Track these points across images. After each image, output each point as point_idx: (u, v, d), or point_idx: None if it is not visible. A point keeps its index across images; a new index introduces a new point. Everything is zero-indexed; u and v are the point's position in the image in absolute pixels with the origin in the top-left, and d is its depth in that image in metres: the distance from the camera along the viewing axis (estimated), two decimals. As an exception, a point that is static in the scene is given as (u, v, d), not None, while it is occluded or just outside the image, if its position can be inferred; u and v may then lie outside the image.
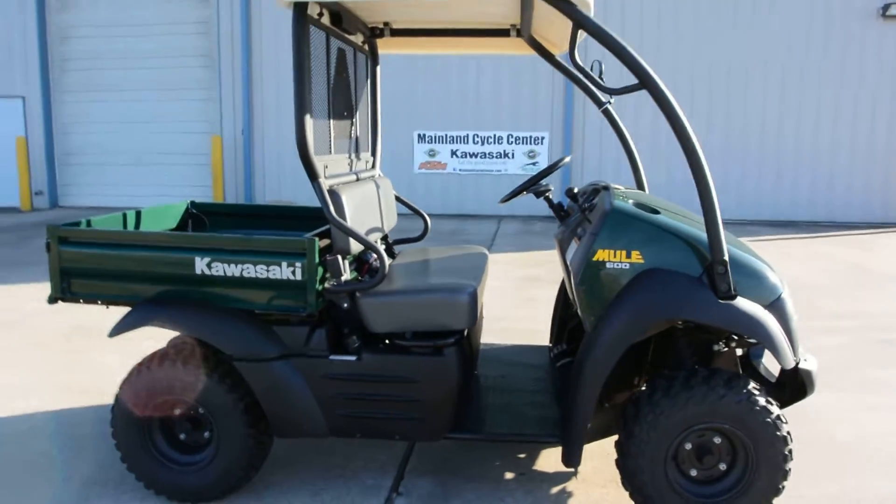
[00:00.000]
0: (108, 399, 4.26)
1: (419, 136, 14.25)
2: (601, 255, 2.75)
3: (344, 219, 2.91)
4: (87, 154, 14.67)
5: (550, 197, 3.50)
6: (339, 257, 2.88)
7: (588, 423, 2.77)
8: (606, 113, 3.57)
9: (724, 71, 13.29)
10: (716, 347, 3.09)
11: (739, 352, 3.30)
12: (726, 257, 2.64)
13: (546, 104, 13.88)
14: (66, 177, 14.85)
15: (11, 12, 14.29)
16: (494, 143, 14.20)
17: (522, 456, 3.52)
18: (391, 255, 4.07)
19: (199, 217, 4.20)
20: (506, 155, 14.22)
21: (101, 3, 14.22)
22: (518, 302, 6.71)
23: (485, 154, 14.24)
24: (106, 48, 14.28)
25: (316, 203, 13.64)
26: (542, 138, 14.04)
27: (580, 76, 3.41)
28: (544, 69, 13.64)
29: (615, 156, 13.74)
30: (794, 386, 3.04)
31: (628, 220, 2.76)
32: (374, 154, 4.08)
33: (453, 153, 14.33)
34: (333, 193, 2.91)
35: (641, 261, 2.74)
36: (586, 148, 13.85)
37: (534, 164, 14.14)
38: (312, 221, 4.09)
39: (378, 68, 4.03)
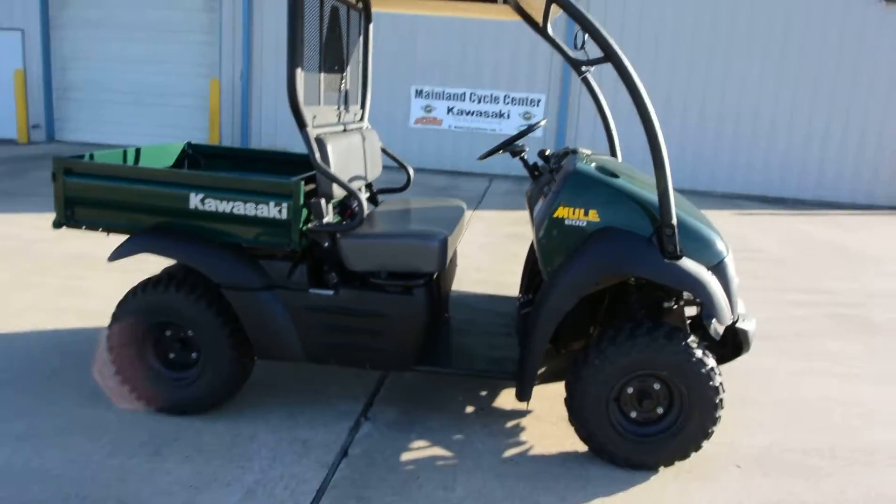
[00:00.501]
0: (100, 320, 4.54)
1: (416, 91, 14.34)
2: (561, 212, 3.00)
3: (328, 165, 3.15)
4: (85, 90, 14.71)
5: (525, 157, 3.75)
6: (322, 201, 3.13)
7: (539, 362, 3.06)
8: (585, 81, 3.78)
9: (723, 45, 13.37)
10: (666, 304, 3.37)
11: (692, 311, 3.58)
12: (674, 221, 2.90)
13: (544, 67, 13.96)
14: (64, 111, 14.91)
15: (13, -58, 14.19)
16: (491, 102, 14.31)
17: (484, 393, 3.83)
18: (374, 203, 4.31)
19: (195, 158, 4.42)
20: (501, 115, 14.34)
21: (105, -62, 14.13)
22: (500, 257, 6.98)
23: (480, 113, 14.35)
24: (107, -16, 14.23)
25: (311, 152, 13.77)
26: (539, 101, 14.15)
27: (554, 44, 3.61)
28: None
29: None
30: (733, 343, 3.34)
31: (588, 182, 3.02)
32: (363, 107, 4.29)
33: (449, 110, 14.44)
34: (319, 141, 3.14)
35: (598, 220, 3.00)
36: (581, 112, 13.99)
37: (529, 125, 14.28)
38: (303, 167, 4.32)
39: (371, 25, 4.22)
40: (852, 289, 6.73)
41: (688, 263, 2.93)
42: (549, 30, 2.90)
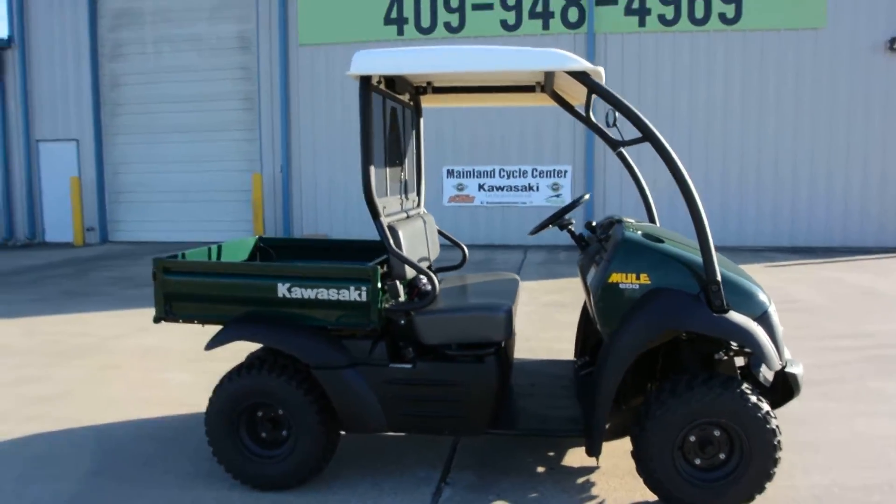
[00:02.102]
0: (183, 409, 4.87)
1: (448, 171, 14.93)
2: (615, 277, 3.31)
3: (401, 250, 3.51)
4: (135, 192, 15.58)
5: (572, 229, 4.09)
6: (397, 282, 3.48)
7: (607, 417, 3.30)
8: (620, 155, 4.14)
9: (738, 105, 13.83)
10: (717, 356, 3.62)
11: (741, 361, 3.82)
12: (719, 278, 3.19)
13: (568, 139, 14.51)
14: (116, 213, 15.76)
15: (68, 62, 15.37)
16: (519, 176, 14.83)
17: (551, 454, 4.05)
18: (434, 281, 4.66)
19: (266, 250, 4.84)
20: (530, 188, 14.82)
21: (150, 52, 15.23)
22: (545, 325, 7.25)
23: (510, 187, 14.86)
24: (154, 93, 15.26)
25: (352, 236, 14.29)
26: (566, 172, 14.64)
27: (594, 128, 3.99)
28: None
29: (633, 189, 14.26)
30: (784, 388, 3.56)
31: (637, 248, 3.33)
32: (419, 194, 4.70)
33: (480, 187, 14.97)
34: (392, 229, 3.52)
35: (649, 282, 3.30)
36: (607, 180, 14.42)
37: (557, 195, 14.72)
38: (361, 252, 4.70)
39: (421, 120, 4.67)
40: (889, 331, 6.86)
41: (735, 316, 3.20)
42: (592, 116, 3.27)
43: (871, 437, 4.27)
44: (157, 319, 3.76)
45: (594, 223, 4.04)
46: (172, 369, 5.87)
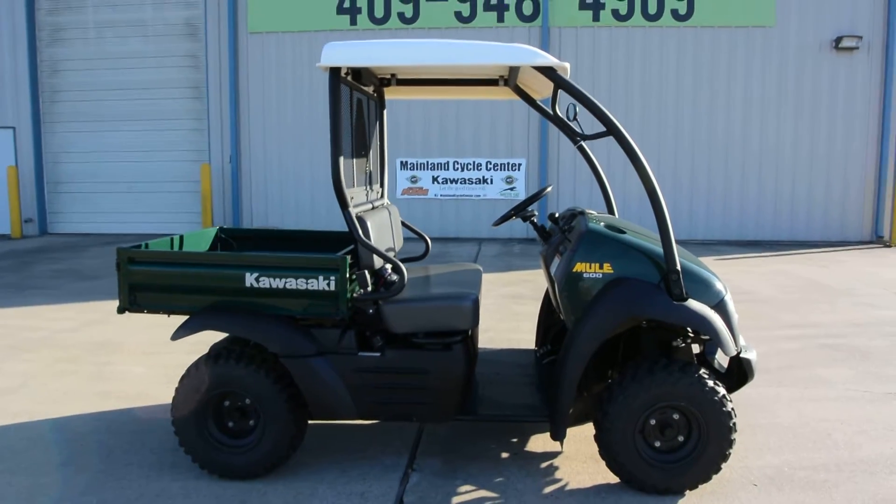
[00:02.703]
0: (142, 401, 4.80)
1: (402, 163, 14.92)
2: (579, 267, 3.41)
3: (369, 240, 3.54)
4: (76, 182, 15.12)
5: (535, 220, 4.18)
6: (366, 272, 3.51)
7: (571, 403, 3.40)
8: (581, 149, 4.24)
9: (690, 100, 14.20)
10: (675, 343, 3.76)
11: (697, 349, 3.97)
12: (679, 267, 3.32)
13: (523, 132, 14.66)
14: (56, 205, 15.27)
15: (3, 46, 14.80)
16: (474, 169, 14.92)
17: (515, 440, 4.14)
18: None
19: (227, 241, 4.79)
20: (485, 181, 14.93)
21: (92, 38, 14.77)
22: (503, 316, 7.35)
23: (465, 180, 14.94)
24: (96, 80, 14.81)
25: (312, 227, 14.17)
26: (520, 165, 14.79)
27: (558, 122, 4.08)
28: (518, 101, 14.43)
29: (589, 181, 14.53)
30: (739, 373, 3.72)
31: (601, 239, 3.43)
32: (382, 185, 4.72)
33: (434, 179, 15.01)
34: (360, 219, 3.54)
35: (611, 271, 3.40)
36: (561, 174, 14.63)
37: (511, 188, 14.86)
38: (319, 243, 4.70)
39: (385, 112, 4.69)
40: (835, 320, 7.18)
41: (693, 304, 3.33)
42: (558, 110, 3.35)
43: (818, 420, 4.48)
44: (121, 310, 3.70)
45: (556, 215, 4.13)
46: (128, 362, 5.76)
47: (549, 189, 4.28)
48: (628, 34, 14.21)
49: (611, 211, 4.40)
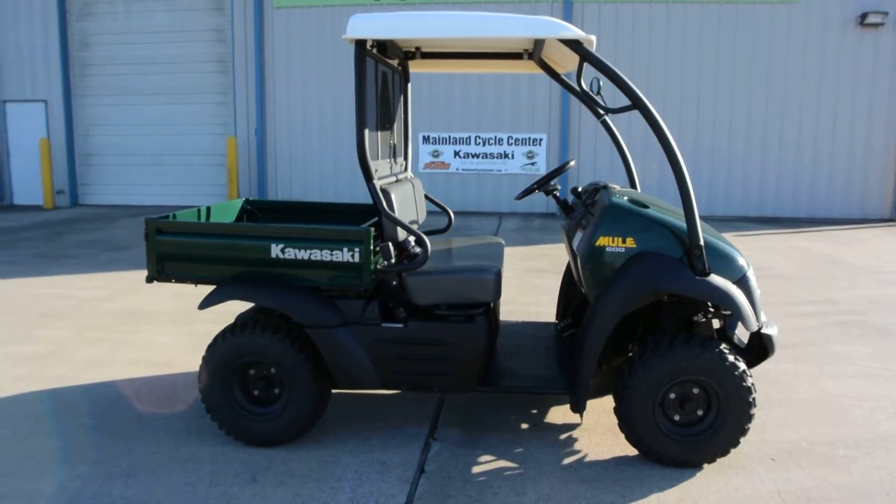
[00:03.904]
0: (170, 369, 4.92)
1: (424, 137, 14.91)
2: (602, 241, 3.43)
3: (393, 212, 3.58)
4: (106, 155, 15.31)
5: (557, 194, 4.19)
6: (390, 244, 3.56)
7: (592, 375, 3.44)
8: (604, 123, 4.23)
9: (711, 77, 13.99)
10: (696, 318, 3.77)
11: (717, 323, 3.98)
12: (702, 242, 3.32)
13: (544, 108, 14.56)
14: (86, 176, 15.50)
15: (35, 20, 14.94)
16: (495, 144, 14.87)
17: (535, 412, 4.20)
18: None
19: (253, 212, 4.86)
20: (506, 155, 14.88)
21: (121, 12, 14.87)
22: (524, 290, 7.39)
23: (486, 154, 14.90)
24: (125, 54, 14.92)
25: (336, 200, 14.25)
26: (541, 140, 14.71)
27: (582, 96, 4.07)
28: (541, 75, 14.31)
29: (609, 155, 14.42)
30: (759, 349, 3.73)
31: (624, 213, 3.44)
32: (406, 158, 4.75)
33: (456, 153, 14.98)
34: (384, 191, 3.58)
35: (634, 245, 3.42)
36: (582, 149, 14.54)
37: (532, 163, 14.80)
38: (344, 215, 4.75)
39: (409, 85, 4.70)
40: (855, 297, 7.13)
41: (716, 279, 3.34)
42: (582, 83, 3.34)
43: (837, 396, 4.48)
44: (149, 279, 3.79)
45: (580, 189, 4.14)
46: (156, 331, 5.89)
47: (571, 163, 4.28)
48: (652, 9, 13.99)
49: (633, 185, 4.40)
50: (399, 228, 3.60)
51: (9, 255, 9.50)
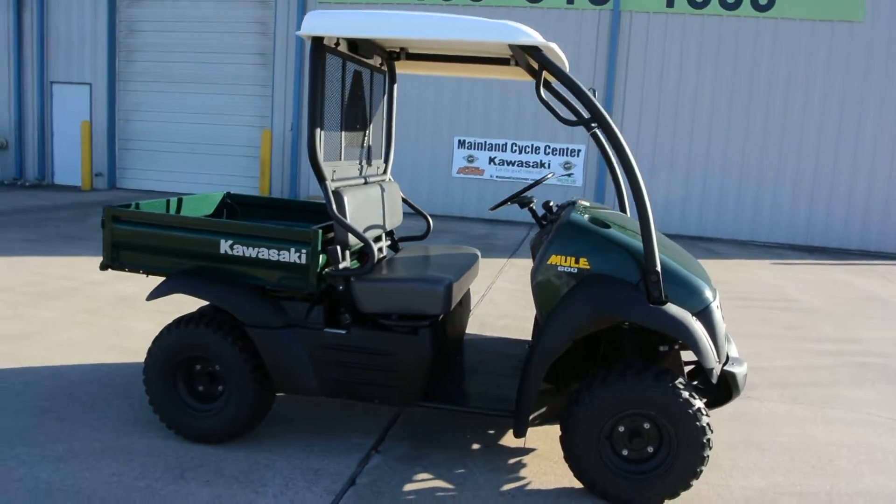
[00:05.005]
0: (141, 357, 4.90)
1: (459, 141, 14.78)
2: (554, 259, 3.24)
3: (344, 216, 3.46)
4: (145, 140, 15.63)
5: (534, 207, 4.01)
6: (338, 247, 3.43)
7: (533, 400, 3.25)
8: (594, 136, 4.02)
9: (763, 95, 13.49)
10: (661, 348, 3.54)
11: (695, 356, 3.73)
12: (658, 268, 3.10)
13: (583, 118, 14.25)
14: (125, 161, 15.84)
15: (85, 5, 15.35)
16: (532, 152, 14.64)
17: (491, 432, 4.02)
18: (395, 250, 4.61)
19: (233, 207, 4.81)
20: (542, 165, 14.63)
21: (168, 0, 15.16)
22: (529, 304, 7.18)
23: (521, 163, 14.68)
24: (169, 42, 15.20)
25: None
26: (579, 151, 14.43)
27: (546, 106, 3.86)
28: (585, 84, 14.03)
29: (647, 171, 14.04)
30: (724, 387, 3.49)
31: (579, 232, 3.25)
32: (386, 161, 4.63)
33: (491, 160, 14.81)
34: (337, 194, 3.46)
35: (588, 267, 3.22)
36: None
37: (569, 174, 14.53)
38: (324, 216, 4.65)
39: (395, 86, 4.58)
40: (882, 338, 6.71)
41: (672, 309, 3.11)
42: (543, 93, 3.16)
43: (824, 443, 4.18)
44: (103, 266, 3.76)
45: (552, 203, 3.95)
46: (140, 318, 5.90)
47: (549, 175, 4.10)
48: (703, 23, 13.57)
49: (622, 205, 4.18)
50: (351, 233, 3.48)
51: (33, 232, 9.72)
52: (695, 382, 3.76)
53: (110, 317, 5.88)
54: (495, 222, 14.24)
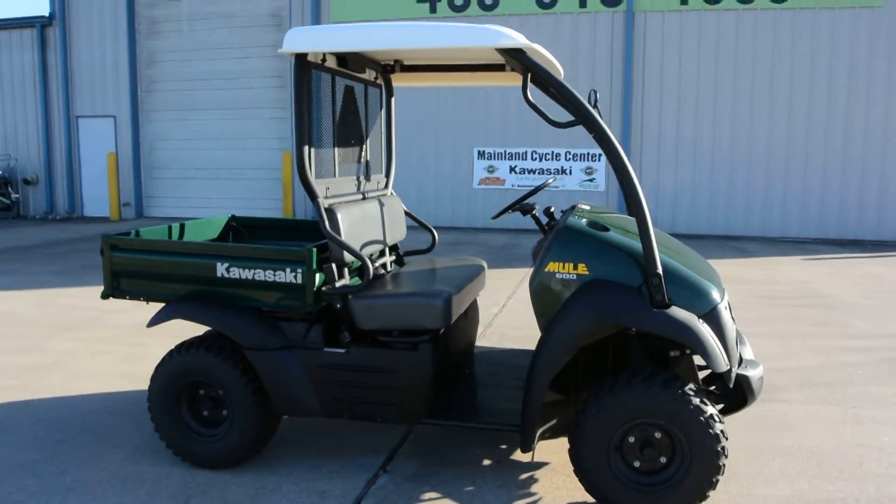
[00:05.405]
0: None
1: (479, 152, 14.73)
2: (552, 266, 3.14)
3: (338, 233, 3.41)
4: (170, 168, 15.87)
5: (536, 214, 3.92)
6: (334, 265, 3.38)
7: (537, 413, 3.14)
8: (597, 139, 3.93)
9: (785, 87, 13.21)
10: (672, 354, 3.42)
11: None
12: (659, 270, 2.99)
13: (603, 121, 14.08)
14: (151, 189, 16.10)
15: (106, 39, 15.70)
16: (552, 159, 14.52)
17: (504, 447, 3.92)
18: (400, 264, 4.55)
19: (239, 230, 4.79)
20: (563, 171, 14.51)
21: (185, 30, 15.41)
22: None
23: (543, 170, 14.57)
24: (188, 70, 15.46)
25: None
26: (600, 156, 14.26)
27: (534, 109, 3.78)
28: (602, 83, 13.90)
29: (672, 172, 13.83)
30: (740, 392, 3.34)
31: (577, 236, 3.15)
32: (387, 175, 4.58)
33: (512, 169, 14.73)
34: (330, 211, 3.41)
35: (587, 272, 3.11)
36: (644, 167, 13.99)
37: (591, 180, 14.37)
38: None
39: (392, 99, 4.53)
40: (917, 333, 6.45)
41: (676, 312, 2.99)
42: (529, 96, 3.08)
43: (853, 445, 3.99)
44: (105, 296, 3.76)
45: (552, 209, 3.86)
46: (157, 345, 5.92)
47: (551, 181, 4.00)
48: (719, 18, 13.35)
49: (629, 207, 4.06)
50: (345, 250, 3.42)
51: (59, 264, 9.88)
52: (712, 388, 3.62)
53: (127, 344, 5.91)
54: (518, 232, 14.13)
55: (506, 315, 6.99)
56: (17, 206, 16.43)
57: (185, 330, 6.31)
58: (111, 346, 5.88)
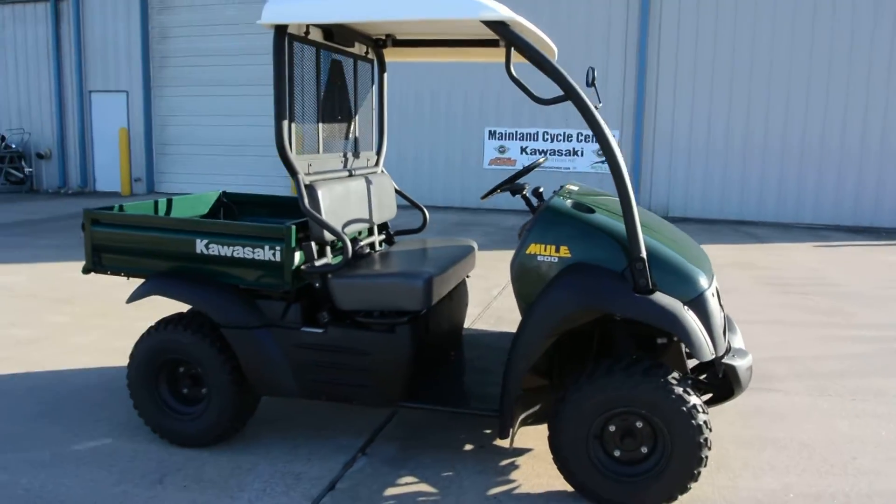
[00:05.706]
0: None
1: (490, 132, 14.56)
2: (533, 248, 3.05)
3: (318, 210, 3.33)
4: (181, 144, 15.87)
5: (527, 195, 3.81)
6: (313, 243, 3.31)
7: (515, 398, 3.06)
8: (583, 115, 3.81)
9: (803, 69, 12.88)
10: (659, 341, 3.32)
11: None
12: (643, 255, 2.88)
13: (616, 104, 13.88)
14: (162, 165, 16.11)
15: (118, 14, 15.66)
16: (564, 140, 14.33)
17: (487, 431, 3.85)
18: (390, 243, 4.47)
19: (230, 206, 4.73)
20: (575, 153, 14.32)
21: (198, 5, 15.33)
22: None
23: (554, 151, 14.39)
24: (200, 46, 15.39)
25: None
26: (613, 136, 14.03)
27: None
28: (616, 67, 13.67)
29: (685, 154, 13.60)
30: (726, 382, 3.24)
31: (560, 218, 3.05)
32: (378, 153, 4.48)
33: (523, 150, 14.55)
34: (310, 188, 3.33)
35: (569, 255, 3.02)
36: (657, 147, 13.77)
37: (603, 161, 14.16)
38: None
39: (385, 75, 4.42)
40: (927, 324, 6.28)
41: (660, 298, 2.89)
42: (513, 71, 2.96)
43: (848, 439, 3.88)
44: (86, 270, 3.72)
45: (541, 190, 3.75)
46: (152, 319, 5.89)
47: (542, 161, 3.89)
48: (737, 1, 13.02)
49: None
50: (323, 227, 3.34)
51: (62, 238, 9.91)
52: (702, 377, 3.52)
53: (123, 319, 5.90)
54: (528, 213, 13.98)
55: (506, 297, 6.90)
56: (30, 180, 16.53)
57: (180, 305, 6.28)
58: (105, 320, 5.87)
